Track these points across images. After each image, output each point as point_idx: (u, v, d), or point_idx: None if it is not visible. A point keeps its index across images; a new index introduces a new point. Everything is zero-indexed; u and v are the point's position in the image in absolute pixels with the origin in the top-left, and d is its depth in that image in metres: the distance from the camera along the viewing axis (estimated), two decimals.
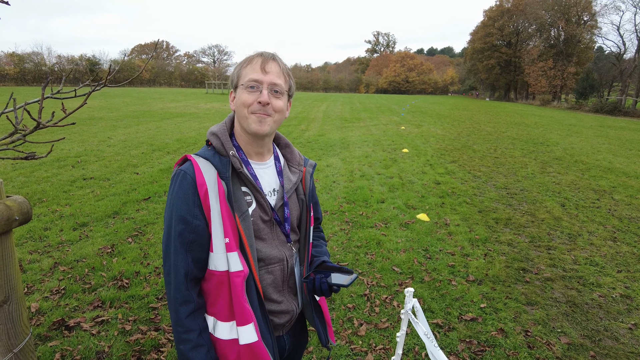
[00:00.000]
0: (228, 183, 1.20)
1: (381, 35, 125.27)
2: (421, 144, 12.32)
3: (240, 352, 1.21)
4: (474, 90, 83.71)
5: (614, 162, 10.55)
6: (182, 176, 1.19)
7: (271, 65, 1.25)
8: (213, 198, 1.18)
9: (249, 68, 1.25)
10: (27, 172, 7.10)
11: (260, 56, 1.26)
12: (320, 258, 1.48)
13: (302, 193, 1.43)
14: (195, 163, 1.21)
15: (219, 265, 1.21)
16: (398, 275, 3.95)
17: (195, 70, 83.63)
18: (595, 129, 20.03)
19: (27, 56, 60.68)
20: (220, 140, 1.26)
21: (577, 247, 4.84)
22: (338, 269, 1.37)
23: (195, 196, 1.18)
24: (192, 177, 1.18)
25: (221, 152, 1.25)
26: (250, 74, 1.23)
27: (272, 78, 1.24)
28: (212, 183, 1.19)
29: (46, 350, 2.66)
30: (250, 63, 1.25)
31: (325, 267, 1.39)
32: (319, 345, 2.86)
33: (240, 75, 1.26)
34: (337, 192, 6.74)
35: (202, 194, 1.18)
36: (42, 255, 4.06)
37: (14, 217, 1.29)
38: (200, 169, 1.20)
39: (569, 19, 49.31)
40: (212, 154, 1.25)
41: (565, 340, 3.02)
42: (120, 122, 15.00)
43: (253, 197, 1.28)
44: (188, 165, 1.22)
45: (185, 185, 1.18)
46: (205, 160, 1.23)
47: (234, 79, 1.29)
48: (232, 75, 1.30)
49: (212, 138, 1.28)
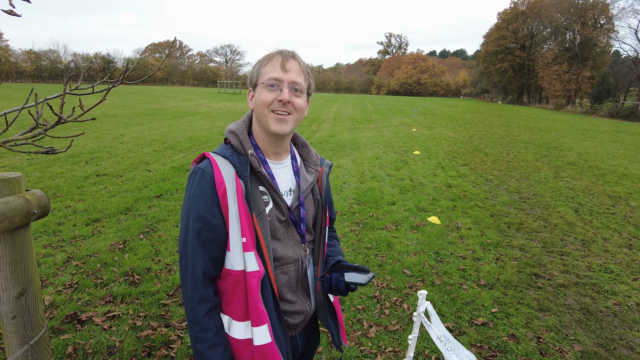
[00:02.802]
0: (246, 182, 1.19)
1: (393, 37, 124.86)
2: (433, 147, 12.23)
3: (254, 352, 1.21)
4: (487, 93, 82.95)
5: (629, 168, 10.36)
6: (201, 174, 1.17)
7: (291, 63, 1.22)
8: (231, 197, 1.17)
9: (269, 66, 1.22)
10: (42, 168, 7.21)
11: (280, 54, 1.23)
12: (335, 257, 1.47)
13: (317, 193, 1.41)
14: (213, 161, 1.19)
15: (236, 264, 1.20)
16: (408, 277, 3.92)
17: (208, 70, 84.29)
18: (611, 134, 19.70)
19: (43, 54, 61.82)
20: (239, 138, 1.25)
21: (591, 253, 4.76)
22: (354, 268, 1.37)
23: (213, 195, 1.16)
24: (211, 176, 1.17)
25: (239, 151, 1.24)
26: (271, 72, 1.21)
27: (292, 76, 1.22)
28: (231, 182, 1.18)
29: (59, 343, 2.70)
30: (270, 61, 1.23)
31: (340, 266, 1.39)
32: (328, 346, 2.85)
33: (260, 73, 1.24)
34: (347, 193, 6.73)
35: (220, 193, 1.16)
36: (56, 250, 4.11)
37: (32, 210, 1.31)
38: (219, 168, 1.18)
39: (585, 22, 48.62)
40: (231, 152, 1.23)
41: (579, 348, 2.96)
42: (133, 120, 15.17)
43: (270, 197, 1.27)
44: (206, 163, 1.20)
45: (203, 184, 1.16)
46: (224, 159, 1.21)
47: (253, 78, 1.26)
48: (251, 74, 1.28)
49: (231, 136, 1.26)
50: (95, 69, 59.32)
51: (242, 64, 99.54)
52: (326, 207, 1.43)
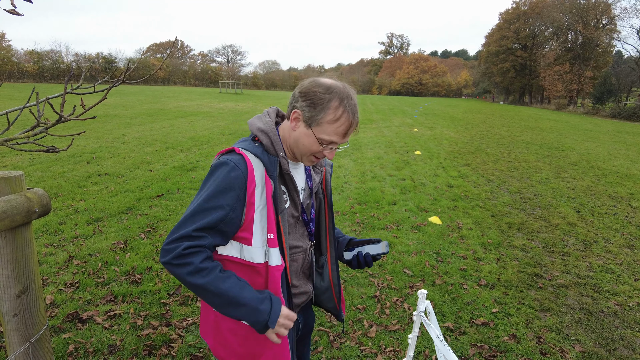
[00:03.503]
0: (275, 182, 1.23)
1: (395, 37, 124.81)
2: (434, 147, 12.23)
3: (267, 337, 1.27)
4: (488, 93, 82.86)
5: (631, 169, 10.34)
6: (232, 168, 1.18)
7: (353, 130, 1.27)
8: (259, 195, 1.21)
9: (335, 127, 1.22)
10: (44, 167, 7.23)
11: (350, 124, 1.24)
12: (344, 237, 1.61)
13: (321, 192, 1.49)
14: (247, 159, 1.21)
15: (256, 257, 1.25)
16: (409, 277, 3.92)
17: (209, 70, 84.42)
18: (613, 135, 19.67)
19: (45, 54, 62.00)
20: (270, 139, 1.27)
21: (593, 254, 4.75)
22: (367, 241, 1.53)
23: (241, 190, 1.18)
24: (244, 173, 1.19)
25: (269, 151, 1.26)
26: (333, 135, 1.23)
27: (347, 139, 1.28)
28: (260, 180, 1.21)
29: (60, 342, 2.70)
30: (339, 121, 1.22)
31: (354, 243, 1.55)
32: (328, 345, 2.86)
33: (322, 125, 1.23)
34: (348, 193, 6.73)
35: (250, 191, 1.19)
36: (58, 249, 4.12)
37: (33, 209, 1.32)
38: (252, 165, 1.21)
39: (587, 22, 48.56)
40: (261, 151, 1.25)
41: (580, 349, 2.96)
42: (135, 120, 15.20)
43: (288, 196, 1.33)
44: (239, 159, 1.21)
45: (233, 178, 1.18)
46: (255, 157, 1.24)
47: (314, 116, 1.23)
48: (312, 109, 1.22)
49: (262, 135, 1.27)
50: (97, 69, 59.47)
51: (244, 64, 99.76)
52: (331, 205, 1.51)
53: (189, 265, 1.13)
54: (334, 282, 1.53)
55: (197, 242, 1.15)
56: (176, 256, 1.13)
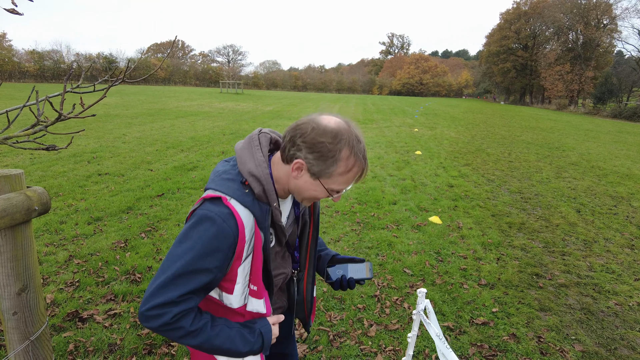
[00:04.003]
0: (266, 235, 1.14)
1: (395, 37, 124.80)
2: (434, 147, 12.23)
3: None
4: (489, 93, 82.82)
5: (632, 169, 10.33)
6: (220, 227, 1.05)
7: (364, 176, 1.18)
8: (247, 247, 1.11)
9: (347, 177, 1.12)
10: (44, 167, 7.24)
11: (362, 172, 1.15)
12: (326, 251, 1.56)
13: (307, 214, 1.39)
14: (237, 215, 1.08)
15: (235, 303, 1.20)
16: (409, 277, 3.92)
17: (210, 70, 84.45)
18: (613, 135, 19.65)
19: (46, 54, 62.05)
20: (263, 187, 1.12)
21: (593, 253, 4.75)
22: (349, 259, 1.50)
23: (230, 250, 1.08)
24: (234, 233, 1.07)
25: (261, 199, 1.13)
26: (342, 185, 1.14)
27: None
28: (250, 233, 1.11)
29: (60, 340, 2.71)
30: (351, 172, 1.12)
31: (337, 260, 1.52)
32: (328, 344, 2.86)
33: (332, 177, 1.11)
34: (348, 192, 6.73)
35: (239, 249, 1.09)
36: (58, 248, 4.13)
37: (33, 207, 1.32)
38: (243, 223, 1.08)
39: (588, 22, 48.52)
40: (251, 200, 1.12)
41: (580, 348, 2.96)
42: (135, 120, 15.21)
43: (275, 238, 1.25)
44: (227, 215, 1.07)
45: (222, 238, 1.05)
46: (245, 209, 1.10)
47: (322, 172, 1.11)
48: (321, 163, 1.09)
49: (254, 182, 1.12)
50: (98, 68, 59.51)
51: (245, 64, 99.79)
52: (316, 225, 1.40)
53: (180, 330, 1.06)
54: (307, 299, 1.47)
55: (183, 306, 1.05)
56: (164, 324, 1.04)
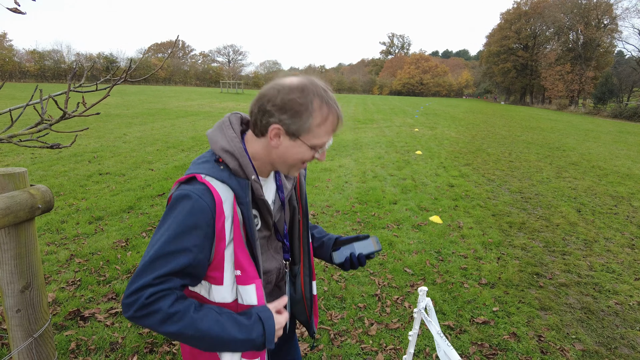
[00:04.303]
0: (247, 211, 1.08)
1: (396, 37, 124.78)
2: (435, 147, 12.23)
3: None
4: (489, 93, 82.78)
5: (632, 169, 10.33)
6: (196, 202, 1.01)
7: (341, 124, 1.14)
8: (229, 227, 1.06)
9: (324, 129, 1.09)
10: (45, 166, 7.25)
11: (337, 118, 1.11)
12: (328, 236, 1.50)
13: (295, 199, 1.35)
14: (213, 189, 1.04)
15: (228, 296, 1.12)
16: (410, 276, 3.93)
17: (211, 70, 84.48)
18: (614, 135, 19.65)
19: (47, 54, 62.09)
20: (238, 161, 1.09)
21: (593, 253, 4.75)
22: (354, 238, 1.45)
23: (209, 227, 1.02)
24: (211, 206, 1.02)
25: (238, 174, 1.09)
26: (323, 137, 1.10)
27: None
28: (230, 211, 1.06)
29: (62, 339, 2.72)
30: (326, 123, 1.09)
31: (341, 242, 1.46)
32: (329, 343, 2.86)
33: (311, 131, 1.08)
34: (349, 192, 6.73)
35: (219, 226, 1.04)
36: (59, 247, 4.14)
37: (37, 205, 1.33)
38: (221, 197, 1.04)
39: (588, 22, 48.50)
40: (228, 175, 1.08)
41: (580, 347, 2.97)
42: (136, 119, 15.22)
43: (260, 219, 1.20)
44: (202, 190, 1.03)
45: (199, 215, 1.01)
46: (222, 183, 1.06)
47: (300, 129, 1.07)
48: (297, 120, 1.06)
49: (227, 157, 1.09)
50: (99, 68, 59.53)
51: (245, 64, 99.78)
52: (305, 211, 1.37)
53: (157, 314, 0.96)
54: (306, 296, 1.41)
55: (161, 287, 0.97)
56: (139, 307, 0.96)
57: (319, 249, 1.50)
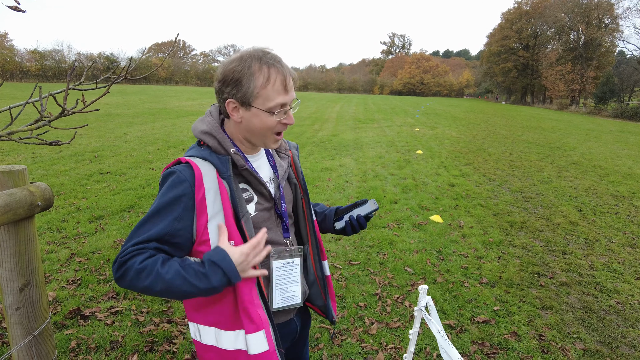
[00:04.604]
0: (230, 182, 1.12)
1: (397, 37, 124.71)
2: (435, 146, 12.22)
3: None
4: (490, 93, 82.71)
5: (633, 168, 10.32)
6: (175, 178, 1.08)
7: (289, 79, 1.14)
8: (211, 201, 1.09)
9: (271, 89, 1.11)
10: (46, 166, 7.25)
11: (278, 73, 1.12)
12: (330, 209, 1.55)
13: (293, 178, 1.40)
14: (193, 164, 1.10)
15: None
16: (410, 275, 3.92)
17: (211, 69, 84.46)
18: (615, 134, 19.62)
19: (48, 53, 62.16)
20: (216, 139, 1.16)
21: (594, 252, 4.74)
22: (354, 205, 1.48)
23: (189, 199, 1.08)
24: (190, 180, 1.08)
25: (218, 151, 1.16)
26: (275, 97, 1.12)
27: (292, 94, 1.16)
28: (212, 184, 1.10)
29: (62, 337, 2.71)
30: (269, 81, 1.11)
31: (341, 211, 1.49)
32: (329, 342, 2.86)
33: (260, 95, 1.11)
34: (349, 191, 6.73)
35: (198, 198, 1.08)
36: (60, 246, 4.14)
37: (36, 202, 1.32)
38: (201, 171, 1.10)
39: (589, 22, 48.42)
40: (209, 153, 1.15)
41: (581, 346, 2.96)
42: (137, 119, 15.23)
43: (253, 192, 1.23)
44: (184, 167, 1.11)
45: (178, 185, 1.08)
46: (203, 160, 1.13)
47: (246, 95, 1.11)
48: (240, 87, 1.11)
49: (206, 137, 1.17)
50: (99, 68, 59.56)
51: None
52: (304, 188, 1.40)
53: (130, 270, 1.00)
54: (319, 275, 1.43)
55: (137, 247, 1.03)
56: (118, 266, 1.02)
57: (323, 223, 1.54)
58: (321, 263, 1.44)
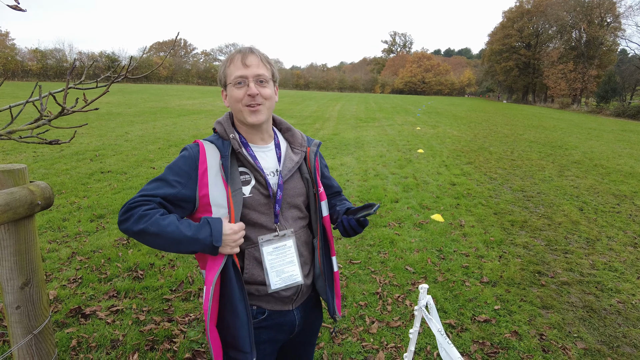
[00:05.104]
0: (226, 162, 1.32)
1: (398, 36, 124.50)
2: (437, 145, 12.20)
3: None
4: (492, 92, 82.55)
5: (635, 167, 10.29)
6: (186, 152, 1.35)
7: (250, 58, 1.35)
8: (212, 175, 1.32)
9: (232, 67, 1.36)
10: (47, 165, 7.26)
11: (239, 52, 1.37)
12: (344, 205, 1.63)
13: (307, 172, 1.50)
14: (201, 144, 1.37)
15: None
16: (411, 274, 3.92)
17: (212, 69, 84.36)
18: (617, 133, 19.57)
19: (49, 52, 62.17)
20: (223, 126, 1.42)
21: (596, 251, 4.74)
22: (362, 207, 1.49)
23: (192, 170, 1.32)
24: (195, 154, 1.33)
25: (223, 136, 1.39)
26: (235, 71, 1.35)
27: (254, 70, 1.35)
28: (214, 162, 1.33)
29: (63, 336, 2.72)
30: (232, 61, 1.36)
31: (351, 211, 1.53)
32: (330, 341, 2.86)
33: (226, 74, 1.38)
34: (350, 190, 6.73)
35: (201, 171, 1.32)
36: (61, 245, 4.15)
37: (36, 201, 1.32)
38: (205, 150, 1.35)
39: (591, 20, 48.23)
40: (216, 137, 1.39)
41: (582, 346, 2.95)
42: (138, 118, 15.24)
43: (252, 176, 1.39)
44: (194, 145, 1.37)
45: (187, 159, 1.33)
46: (210, 143, 1.37)
47: (222, 79, 1.41)
48: (219, 76, 1.42)
49: (217, 126, 1.44)
50: (100, 67, 59.60)
51: None
52: (318, 183, 1.50)
53: (134, 215, 1.21)
54: (324, 270, 1.50)
55: (142, 199, 1.25)
56: (125, 211, 1.23)
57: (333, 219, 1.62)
58: (329, 258, 1.53)
